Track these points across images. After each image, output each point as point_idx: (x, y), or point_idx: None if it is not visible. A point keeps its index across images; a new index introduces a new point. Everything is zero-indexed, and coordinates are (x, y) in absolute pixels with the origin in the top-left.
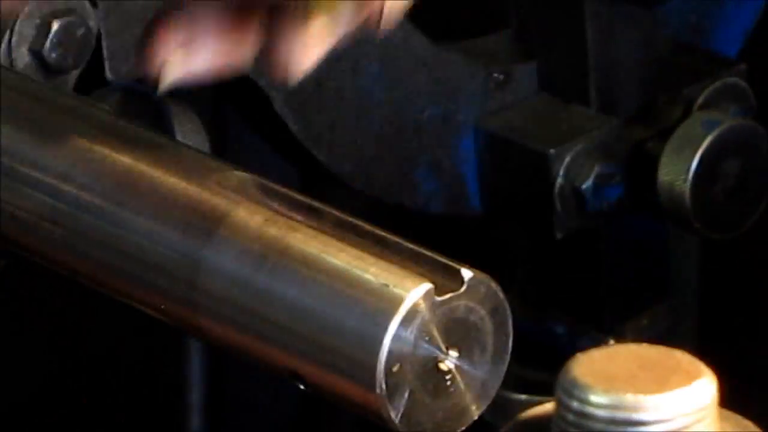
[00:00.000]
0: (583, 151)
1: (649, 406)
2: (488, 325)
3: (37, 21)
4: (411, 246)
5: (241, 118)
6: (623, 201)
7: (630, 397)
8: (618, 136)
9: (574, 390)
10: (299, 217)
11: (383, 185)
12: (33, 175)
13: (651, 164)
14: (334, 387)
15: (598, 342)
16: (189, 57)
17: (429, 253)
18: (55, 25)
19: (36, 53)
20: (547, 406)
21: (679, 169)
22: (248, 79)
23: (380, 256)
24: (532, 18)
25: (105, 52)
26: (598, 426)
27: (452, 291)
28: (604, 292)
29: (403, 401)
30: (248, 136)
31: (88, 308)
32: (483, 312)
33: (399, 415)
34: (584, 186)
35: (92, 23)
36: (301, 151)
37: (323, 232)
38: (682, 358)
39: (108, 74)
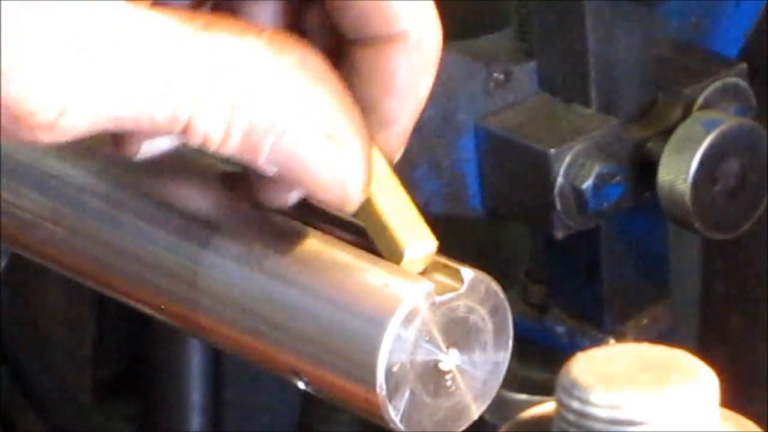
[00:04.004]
0: (583, 151)
1: (649, 405)
2: (488, 325)
3: None
4: None
5: None
6: (623, 201)
7: (630, 397)
8: (618, 136)
9: (574, 390)
10: (299, 217)
11: None
12: (33, 175)
13: (651, 164)
14: (334, 387)
15: (598, 342)
16: None
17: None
18: None
19: None
20: (547, 406)
21: (679, 169)
22: None
23: (380, 255)
24: (532, 18)
25: None
26: (599, 426)
27: (452, 291)
28: (604, 292)
29: (404, 401)
30: None
31: (87, 308)
32: (483, 312)
33: (399, 415)
34: (584, 186)
35: None
36: None
37: (323, 231)
38: (682, 358)
39: None
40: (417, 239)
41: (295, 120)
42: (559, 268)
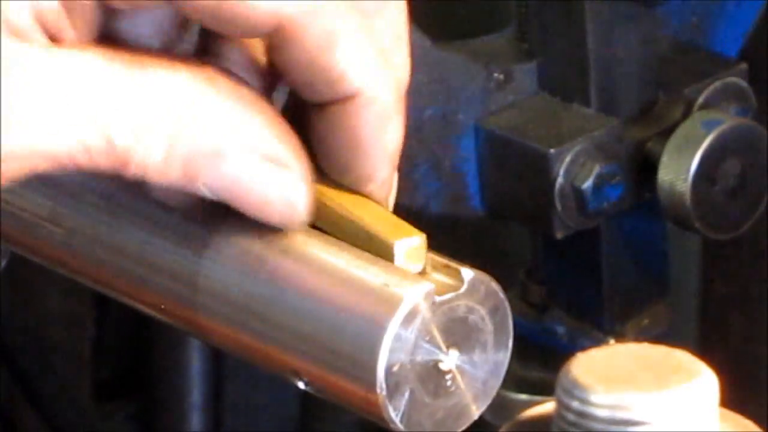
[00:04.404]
0: (583, 151)
1: (649, 405)
2: (488, 325)
3: None
4: None
5: None
6: (623, 201)
7: (630, 397)
8: (618, 136)
9: (574, 390)
10: None
11: None
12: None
13: (651, 164)
14: (335, 387)
15: (598, 342)
16: None
17: (429, 253)
18: None
19: None
20: (547, 406)
21: (680, 169)
22: None
23: None
24: (532, 18)
25: None
26: (599, 426)
27: (452, 291)
28: (604, 292)
29: (404, 401)
30: None
31: (87, 308)
32: (483, 312)
33: (399, 415)
34: (584, 186)
35: None
36: None
37: (323, 231)
38: (682, 357)
39: None
40: (403, 235)
41: (234, 144)
42: (559, 268)
